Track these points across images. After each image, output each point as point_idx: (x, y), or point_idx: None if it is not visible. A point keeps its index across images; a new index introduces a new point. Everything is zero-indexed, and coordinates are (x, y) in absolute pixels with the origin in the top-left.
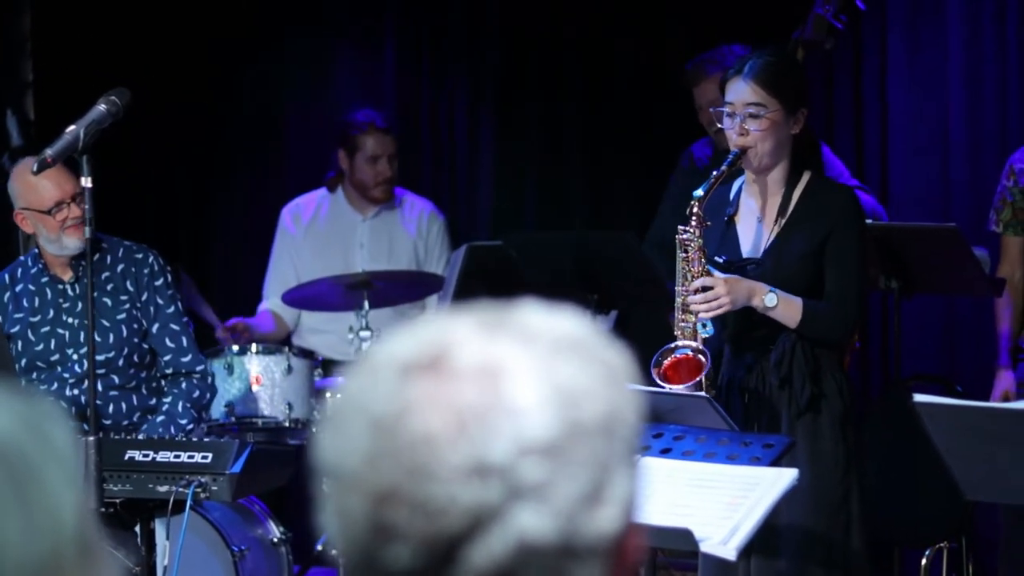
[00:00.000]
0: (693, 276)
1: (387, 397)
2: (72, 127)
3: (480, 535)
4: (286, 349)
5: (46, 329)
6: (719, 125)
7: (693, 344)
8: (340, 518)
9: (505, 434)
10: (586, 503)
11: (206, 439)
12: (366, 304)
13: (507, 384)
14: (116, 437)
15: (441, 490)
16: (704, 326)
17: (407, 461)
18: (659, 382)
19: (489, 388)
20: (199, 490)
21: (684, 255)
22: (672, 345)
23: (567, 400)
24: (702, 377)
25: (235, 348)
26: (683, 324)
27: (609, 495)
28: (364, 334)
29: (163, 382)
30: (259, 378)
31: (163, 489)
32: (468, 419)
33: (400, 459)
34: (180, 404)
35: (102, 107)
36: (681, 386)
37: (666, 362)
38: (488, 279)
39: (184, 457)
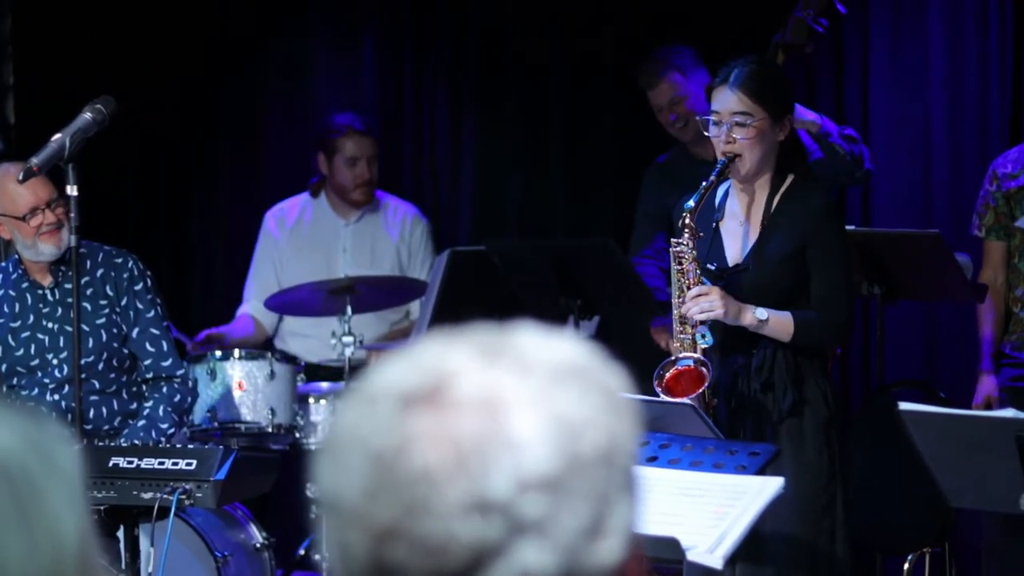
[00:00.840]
0: (689, 288)
1: (386, 430)
2: (58, 135)
3: (482, 571)
4: (269, 354)
5: (26, 334)
6: (684, 125)
7: (695, 356)
8: (340, 551)
9: (505, 469)
10: (588, 536)
11: (190, 446)
12: (349, 309)
13: (507, 417)
14: (100, 444)
15: (441, 527)
16: (703, 336)
17: (406, 497)
18: (661, 395)
19: (489, 421)
20: (183, 497)
21: (679, 267)
22: (674, 357)
23: (567, 432)
24: (705, 389)
25: (218, 354)
26: (682, 336)
27: (610, 526)
28: (347, 339)
29: (144, 387)
30: (242, 383)
31: (147, 496)
32: (467, 454)
33: (400, 495)
34: (161, 408)
35: (88, 115)
36: (686, 399)
37: (668, 375)
38: (471, 284)
39: (168, 464)
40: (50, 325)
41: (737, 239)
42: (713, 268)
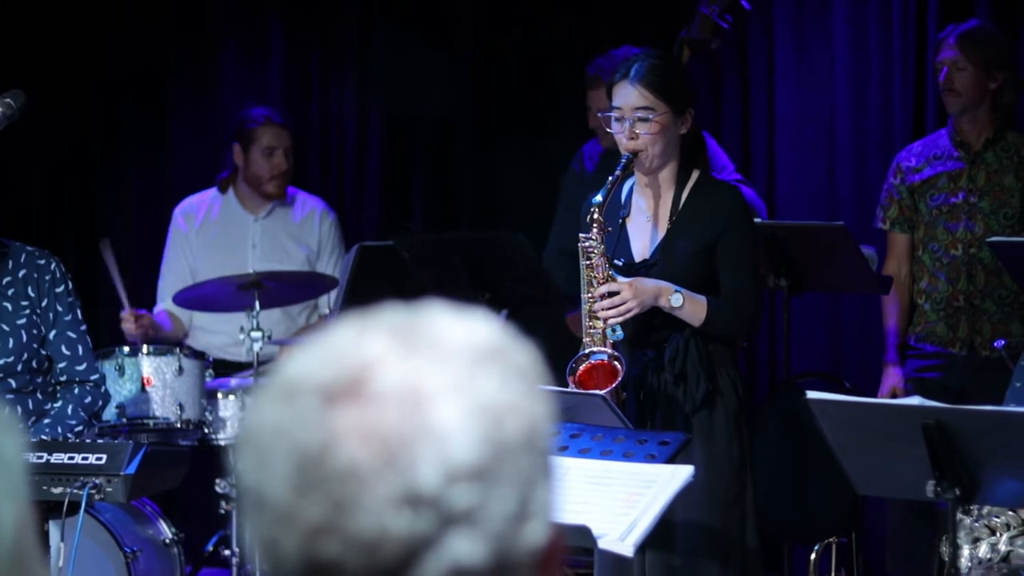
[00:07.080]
0: (598, 282)
1: (310, 427)
2: None
3: (415, 564)
4: (177, 350)
5: None
6: (607, 129)
7: (609, 351)
8: (269, 549)
9: (433, 462)
10: (516, 521)
11: (100, 440)
12: (257, 304)
13: (430, 408)
14: None
15: (373, 522)
16: (614, 331)
17: (336, 494)
18: (575, 389)
19: (413, 414)
20: (94, 491)
21: (588, 262)
22: (587, 351)
23: (491, 420)
24: (619, 383)
25: (126, 349)
26: (592, 330)
27: (535, 508)
28: (255, 335)
29: (57, 388)
30: (150, 379)
31: (57, 491)
32: (394, 449)
33: (329, 492)
34: (70, 408)
35: None
36: (598, 391)
37: (581, 368)
38: (380, 279)
39: (78, 459)
40: None
41: (644, 234)
42: (620, 264)
